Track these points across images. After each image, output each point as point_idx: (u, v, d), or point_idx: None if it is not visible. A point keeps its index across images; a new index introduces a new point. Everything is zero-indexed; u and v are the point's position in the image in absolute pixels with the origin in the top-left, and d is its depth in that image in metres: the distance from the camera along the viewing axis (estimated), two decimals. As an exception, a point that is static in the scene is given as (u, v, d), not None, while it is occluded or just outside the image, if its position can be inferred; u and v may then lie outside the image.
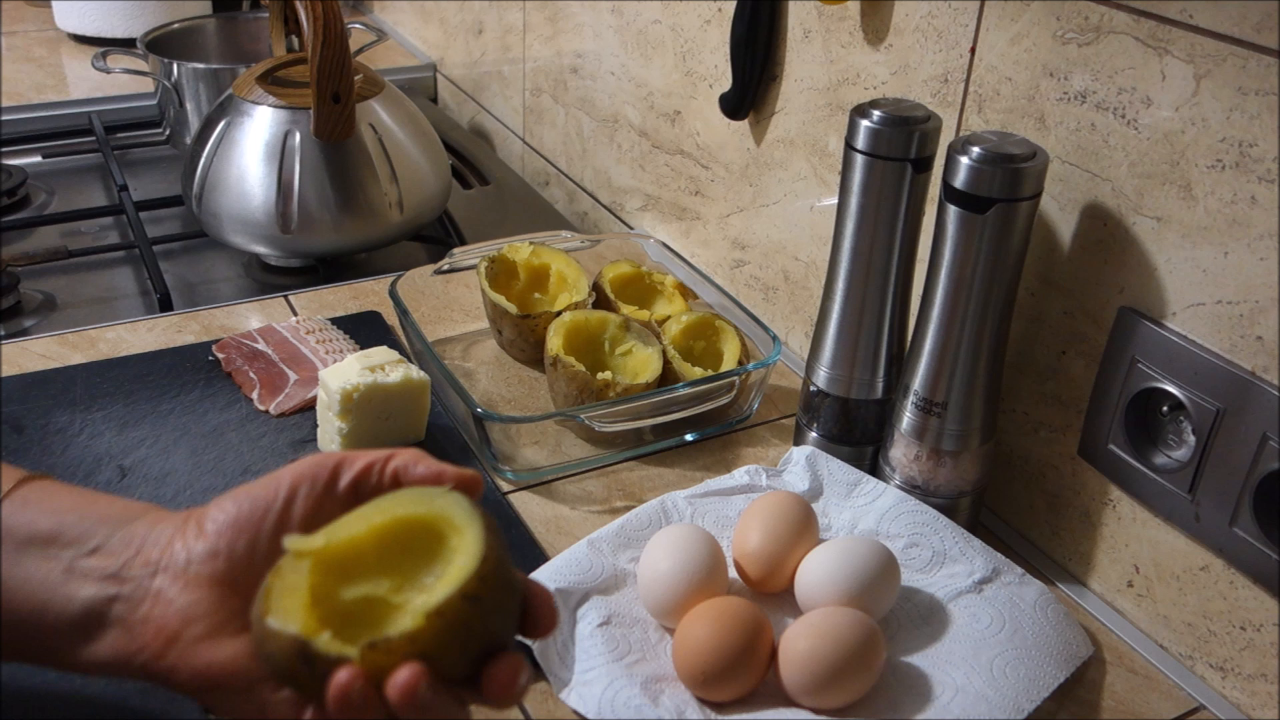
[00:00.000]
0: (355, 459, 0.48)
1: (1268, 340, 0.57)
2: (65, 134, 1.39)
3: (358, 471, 0.48)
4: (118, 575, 0.46)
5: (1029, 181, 0.62)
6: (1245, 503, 0.58)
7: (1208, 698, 0.63)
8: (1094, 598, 0.70)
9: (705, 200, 1.02)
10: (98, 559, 0.47)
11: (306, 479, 0.48)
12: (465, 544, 0.44)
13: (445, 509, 0.45)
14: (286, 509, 0.47)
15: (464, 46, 1.51)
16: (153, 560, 0.46)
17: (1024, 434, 0.73)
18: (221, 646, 0.45)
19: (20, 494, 0.48)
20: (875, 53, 0.78)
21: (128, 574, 0.46)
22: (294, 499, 0.47)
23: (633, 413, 0.79)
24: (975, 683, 0.60)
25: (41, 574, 0.46)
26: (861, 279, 0.72)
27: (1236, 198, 0.57)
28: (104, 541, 0.47)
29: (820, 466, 0.75)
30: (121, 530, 0.47)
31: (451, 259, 0.94)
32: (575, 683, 0.60)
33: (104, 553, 0.47)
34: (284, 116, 1.00)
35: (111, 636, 0.46)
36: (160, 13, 1.60)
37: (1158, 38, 0.59)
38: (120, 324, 0.94)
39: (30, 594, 0.46)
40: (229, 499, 0.48)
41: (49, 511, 0.48)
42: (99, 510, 0.48)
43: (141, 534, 0.47)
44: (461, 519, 0.44)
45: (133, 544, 0.47)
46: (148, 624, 0.45)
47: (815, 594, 0.63)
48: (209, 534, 0.47)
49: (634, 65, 1.08)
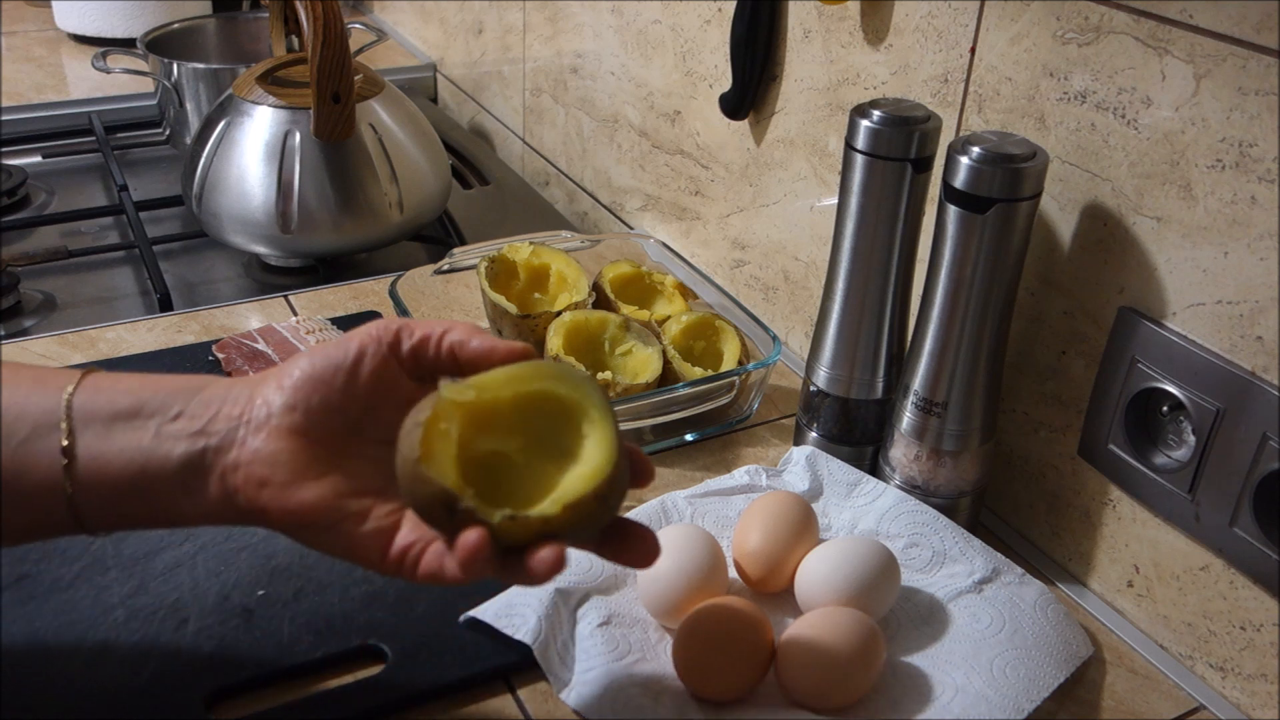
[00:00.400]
0: (414, 328, 0.52)
1: (1268, 340, 0.57)
2: (65, 134, 1.39)
3: (416, 341, 0.52)
4: (204, 431, 0.50)
5: (1029, 181, 0.62)
6: (1245, 503, 0.58)
7: (1208, 698, 0.63)
8: (1094, 598, 0.70)
9: (705, 200, 1.02)
10: (182, 422, 0.51)
11: (372, 341, 0.52)
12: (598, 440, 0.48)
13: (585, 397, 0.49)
14: (355, 367, 0.51)
15: (464, 46, 1.51)
16: (234, 415, 0.51)
17: (1024, 434, 0.73)
18: (307, 489, 0.50)
19: (90, 382, 0.52)
20: (875, 53, 0.78)
21: (213, 429, 0.50)
22: (362, 359, 0.51)
23: (633, 413, 0.79)
24: (975, 683, 0.60)
25: (134, 443, 0.50)
26: (861, 279, 0.72)
27: (1236, 198, 0.57)
28: (184, 407, 0.51)
29: (820, 466, 0.75)
30: (198, 396, 0.51)
31: (451, 259, 0.94)
32: (575, 683, 0.60)
33: (186, 416, 0.51)
34: (284, 116, 1.00)
35: (211, 484, 0.50)
36: (160, 13, 1.60)
37: (1158, 38, 0.59)
38: (120, 324, 0.94)
39: (128, 460, 0.50)
40: (304, 358, 0.52)
41: (124, 391, 0.51)
42: (170, 383, 0.52)
43: (220, 395, 0.51)
44: (596, 413, 0.49)
45: (212, 405, 0.51)
46: (238, 470, 0.50)
47: (815, 594, 0.63)
48: (286, 389, 0.51)
49: (634, 65, 1.08)
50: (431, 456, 0.46)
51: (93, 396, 0.51)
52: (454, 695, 0.60)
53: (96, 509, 0.51)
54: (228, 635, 0.62)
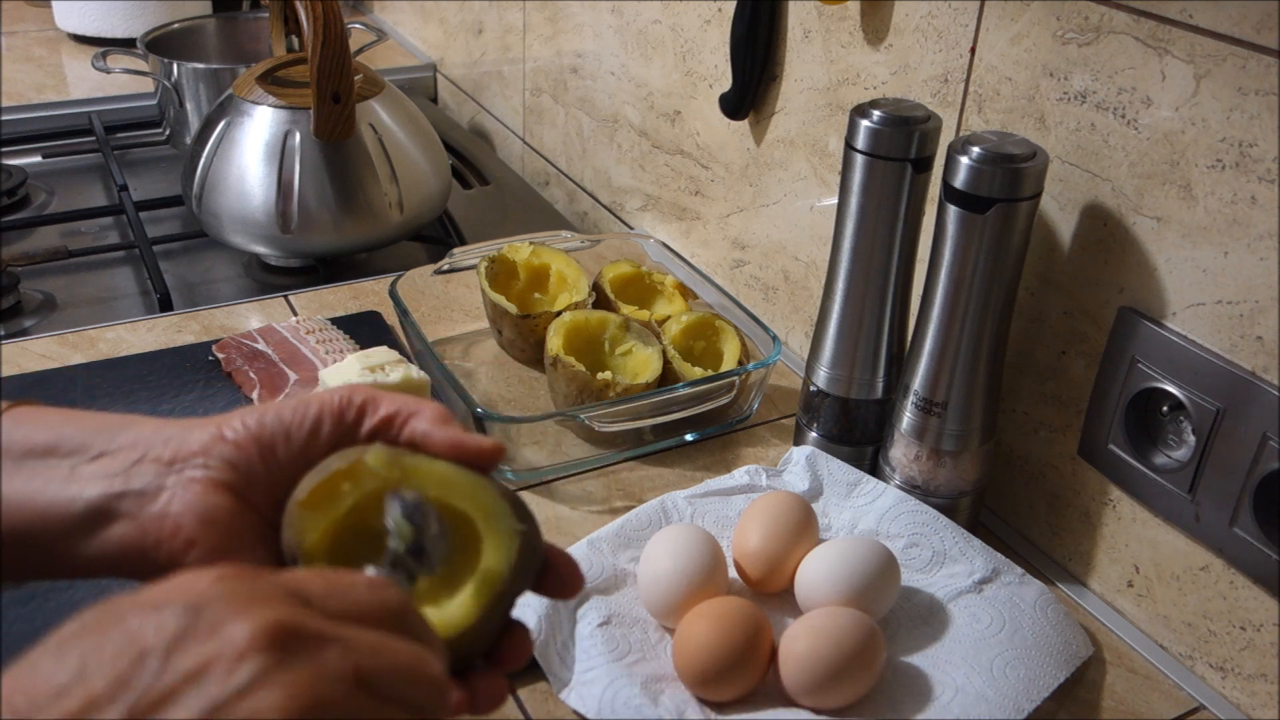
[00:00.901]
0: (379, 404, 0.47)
1: (1268, 340, 0.57)
2: (65, 134, 1.39)
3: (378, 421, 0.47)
4: (125, 474, 0.45)
5: (1029, 181, 0.62)
6: (1245, 503, 0.58)
7: (1208, 698, 0.63)
8: (1094, 598, 0.70)
9: (705, 200, 1.02)
10: (101, 463, 0.46)
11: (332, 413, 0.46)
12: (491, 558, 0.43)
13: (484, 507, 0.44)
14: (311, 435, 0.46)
15: (464, 46, 1.51)
16: (164, 459, 0.45)
17: (1024, 434, 0.73)
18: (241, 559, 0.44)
19: (11, 414, 0.47)
20: (875, 53, 0.78)
21: (136, 472, 0.45)
22: (319, 428, 0.46)
23: (633, 413, 0.79)
24: (975, 683, 0.60)
25: (41, 480, 0.45)
26: (861, 279, 0.72)
27: (1236, 198, 0.57)
28: (106, 447, 0.46)
29: (820, 466, 0.75)
30: (122, 434, 0.46)
31: (451, 259, 0.94)
32: (575, 683, 0.60)
33: (108, 457, 0.46)
34: (284, 116, 1.00)
35: (119, 529, 0.45)
36: (160, 13, 1.60)
37: (1158, 38, 0.59)
38: (120, 324, 0.94)
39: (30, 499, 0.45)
40: (253, 413, 0.46)
41: (44, 426, 0.47)
42: (94, 422, 0.47)
43: (146, 436, 0.46)
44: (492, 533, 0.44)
45: (138, 446, 0.46)
46: (164, 520, 0.44)
47: (815, 594, 0.63)
48: (228, 441, 0.46)
49: (634, 65, 1.08)
50: (314, 507, 0.43)
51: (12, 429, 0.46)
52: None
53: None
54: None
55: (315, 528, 0.43)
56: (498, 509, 0.44)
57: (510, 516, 0.44)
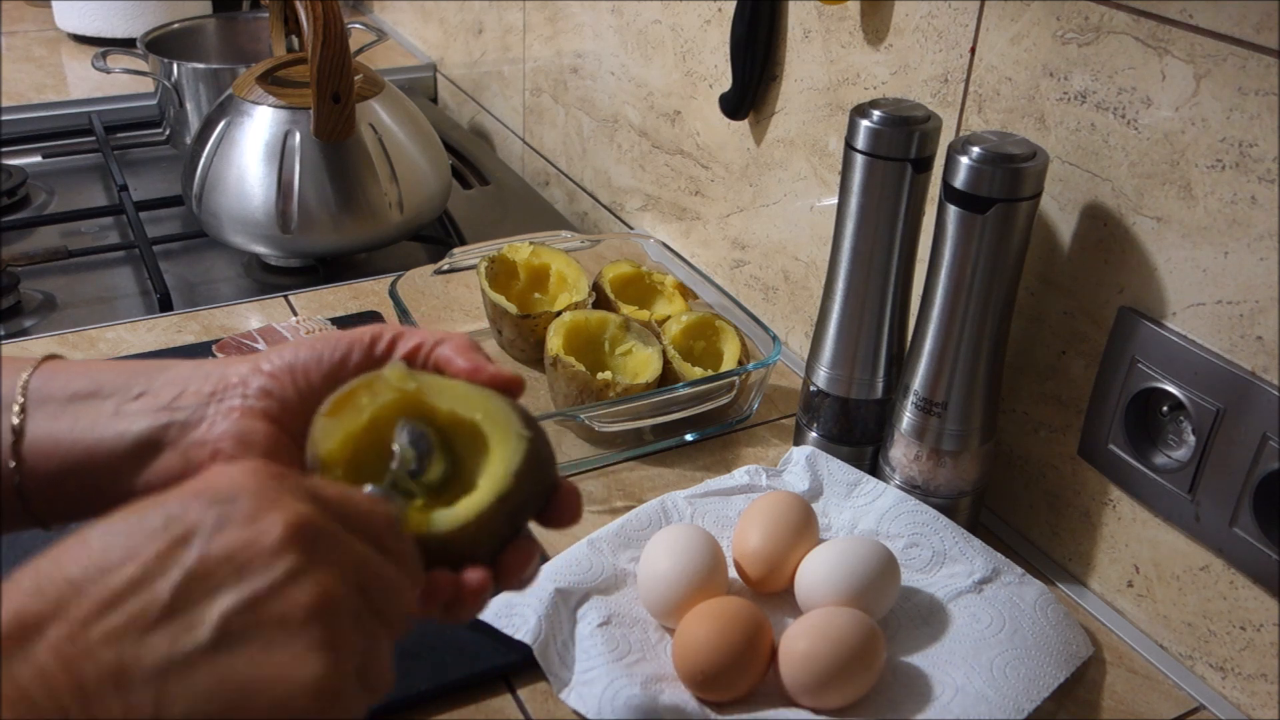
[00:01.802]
0: (409, 336, 0.50)
1: (1268, 340, 0.57)
2: (65, 134, 1.39)
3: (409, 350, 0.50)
4: (169, 407, 0.48)
5: (1029, 181, 0.62)
6: (1245, 503, 0.58)
7: (1208, 698, 0.63)
8: (1094, 598, 0.70)
9: (705, 200, 1.02)
10: (144, 400, 0.48)
11: (362, 343, 0.50)
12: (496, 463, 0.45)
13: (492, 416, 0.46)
14: (339, 366, 0.49)
15: (464, 46, 1.51)
16: (204, 393, 0.48)
17: (1024, 434, 0.73)
18: None
19: (46, 367, 0.50)
20: (875, 53, 0.78)
21: (179, 405, 0.48)
22: (348, 358, 0.49)
23: (633, 413, 0.79)
24: (975, 683, 0.60)
25: (88, 420, 0.48)
26: (861, 279, 0.72)
27: (1236, 198, 0.57)
28: (146, 387, 0.49)
29: (820, 466, 0.75)
30: (162, 375, 0.49)
31: (451, 259, 0.94)
32: (575, 683, 0.60)
33: (149, 395, 0.48)
34: (284, 116, 1.00)
35: (166, 458, 0.47)
36: (160, 13, 1.59)
37: (1158, 38, 0.59)
38: (120, 324, 0.94)
39: (79, 438, 0.47)
40: (288, 347, 0.50)
41: (81, 374, 0.49)
42: (131, 366, 0.50)
43: (186, 373, 0.49)
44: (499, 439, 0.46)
45: (178, 383, 0.49)
46: (205, 446, 0.47)
47: (815, 594, 0.63)
48: (264, 373, 0.48)
49: (634, 65, 1.08)
50: (334, 417, 0.45)
51: (50, 378, 0.49)
52: (454, 695, 0.60)
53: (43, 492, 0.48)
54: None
55: (333, 437, 0.45)
56: (505, 417, 0.46)
57: (517, 423, 0.46)
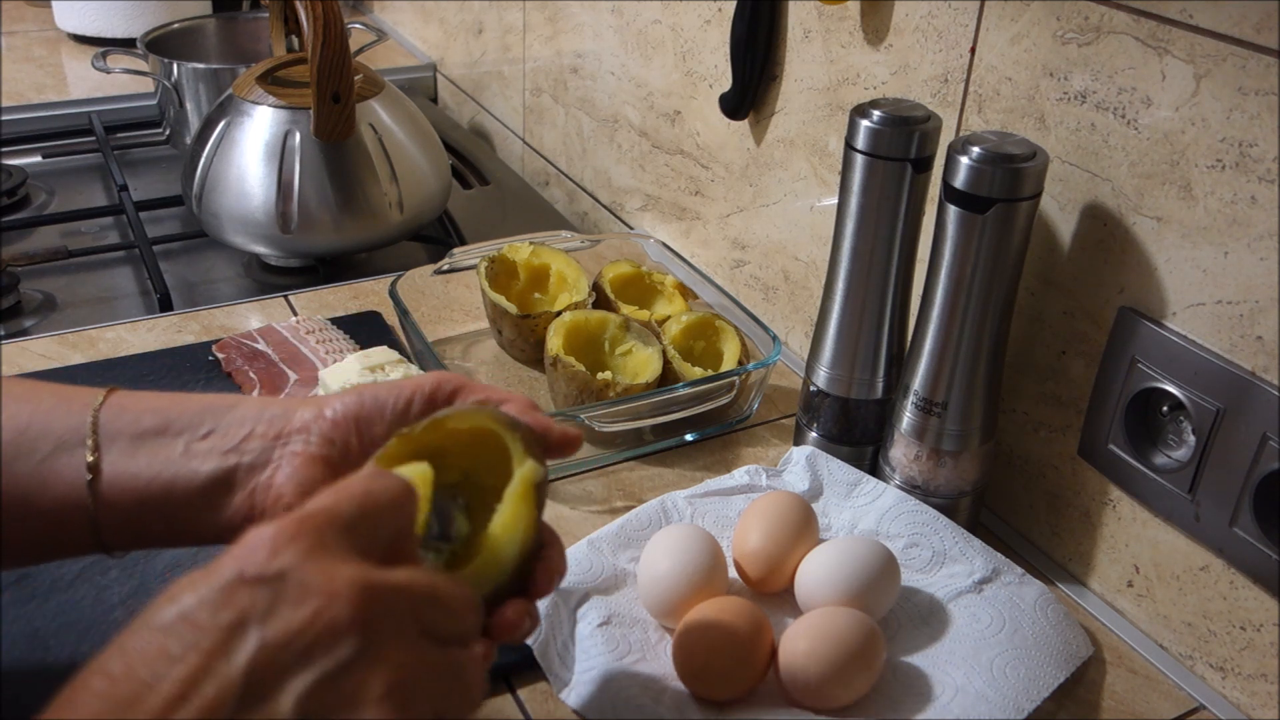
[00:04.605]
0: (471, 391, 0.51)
1: (1268, 340, 0.57)
2: (65, 134, 1.39)
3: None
4: (237, 449, 0.50)
5: (1029, 181, 0.62)
6: (1245, 503, 0.58)
7: (1208, 698, 0.63)
8: (1094, 598, 0.70)
9: (705, 200, 1.02)
10: (213, 440, 0.50)
11: (423, 392, 0.51)
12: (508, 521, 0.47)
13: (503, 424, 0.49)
14: (402, 414, 0.51)
15: (464, 46, 1.51)
16: (270, 436, 0.50)
17: (1024, 434, 0.73)
18: None
19: (115, 400, 0.51)
20: (875, 53, 0.78)
21: (246, 447, 0.50)
22: (410, 406, 0.51)
23: (633, 413, 0.79)
24: (975, 683, 0.60)
25: (161, 458, 0.49)
26: (861, 279, 0.72)
27: (1236, 198, 0.57)
28: (214, 425, 0.50)
29: (820, 466, 0.75)
30: (229, 414, 0.51)
31: (451, 259, 0.94)
32: (575, 683, 0.60)
33: (218, 434, 0.50)
34: (284, 116, 1.00)
35: (235, 498, 0.49)
36: (160, 13, 1.59)
37: (1158, 38, 0.59)
38: (120, 324, 0.94)
39: (154, 476, 0.49)
40: (352, 393, 0.51)
41: (149, 410, 0.51)
42: (198, 402, 0.51)
43: (253, 414, 0.51)
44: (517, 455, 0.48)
45: (245, 424, 0.50)
46: (269, 490, 0.49)
47: (815, 594, 0.63)
48: (327, 420, 0.50)
49: (634, 65, 1.08)
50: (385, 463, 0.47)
51: (118, 414, 0.50)
52: (454, 695, 0.60)
53: (117, 526, 0.50)
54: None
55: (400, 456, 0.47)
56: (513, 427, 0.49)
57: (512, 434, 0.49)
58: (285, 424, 0.50)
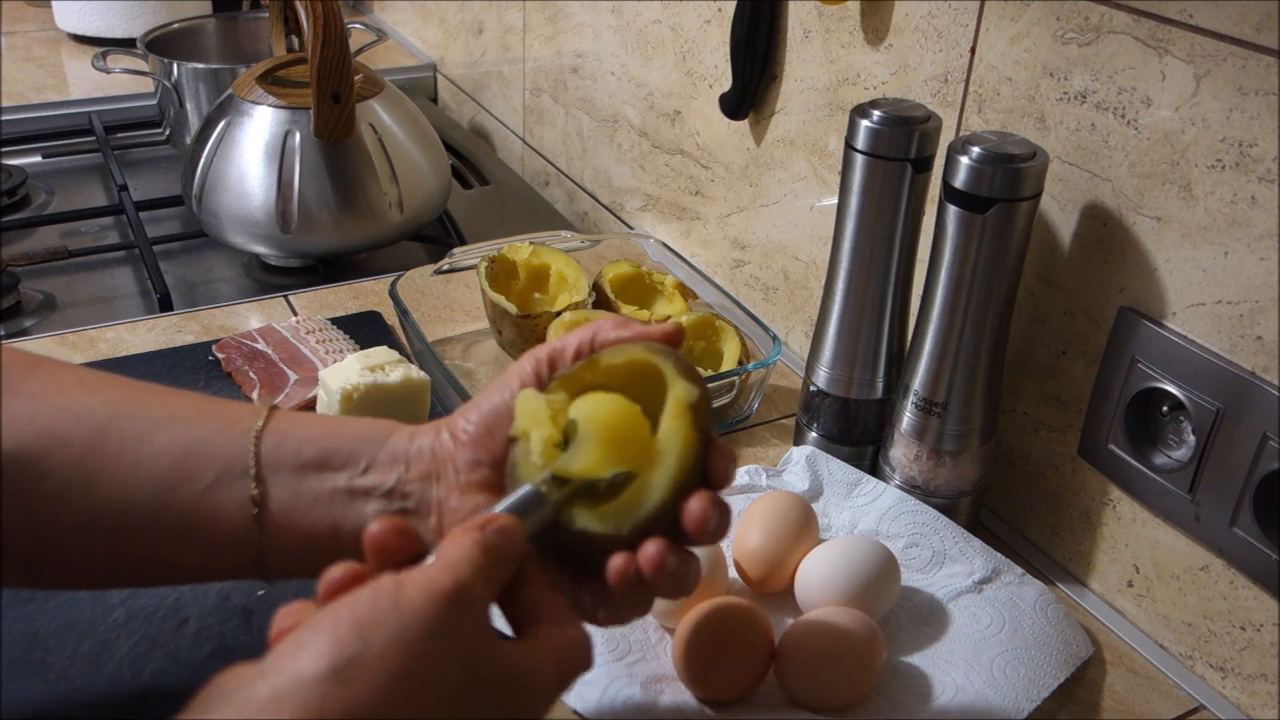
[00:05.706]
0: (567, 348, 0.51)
1: (1268, 340, 0.57)
2: (65, 134, 1.39)
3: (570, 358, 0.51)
4: (397, 490, 0.50)
5: (1029, 181, 0.62)
6: (1245, 503, 0.58)
7: (1208, 698, 0.63)
8: (1094, 598, 0.70)
9: (705, 200, 1.02)
10: (372, 477, 0.50)
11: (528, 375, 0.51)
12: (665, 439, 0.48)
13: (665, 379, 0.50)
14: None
15: (464, 46, 1.51)
16: (425, 473, 0.50)
17: (1024, 434, 0.73)
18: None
19: (274, 428, 0.51)
20: (875, 53, 0.78)
21: (406, 489, 0.50)
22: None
23: (633, 413, 0.78)
24: (975, 683, 0.60)
25: (326, 495, 0.50)
26: (861, 279, 0.72)
27: (1236, 198, 0.57)
28: (372, 460, 0.50)
29: (820, 466, 0.75)
30: (383, 448, 0.51)
31: (451, 259, 0.94)
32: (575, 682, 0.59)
33: (376, 470, 0.50)
34: (284, 116, 1.00)
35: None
36: (160, 13, 1.60)
37: (1158, 38, 0.59)
38: (120, 324, 0.94)
39: (321, 514, 0.49)
40: (472, 409, 0.51)
41: (307, 440, 0.51)
42: (352, 431, 0.51)
43: (404, 449, 0.51)
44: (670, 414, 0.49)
45: (400, 460, 0.50)
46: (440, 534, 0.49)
47: (815, 594, 0.63)
48: (465, 444, 0.50)
49: (634, 65, 1.08)
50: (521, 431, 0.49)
51: (279, 444, 0.50)
52: (454, 695, 0.60)
53: (283, 559, 0.50)
54: (228, 635, 0.62)
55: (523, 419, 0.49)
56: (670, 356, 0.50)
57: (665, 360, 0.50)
58: (432, 460, 0.50)
